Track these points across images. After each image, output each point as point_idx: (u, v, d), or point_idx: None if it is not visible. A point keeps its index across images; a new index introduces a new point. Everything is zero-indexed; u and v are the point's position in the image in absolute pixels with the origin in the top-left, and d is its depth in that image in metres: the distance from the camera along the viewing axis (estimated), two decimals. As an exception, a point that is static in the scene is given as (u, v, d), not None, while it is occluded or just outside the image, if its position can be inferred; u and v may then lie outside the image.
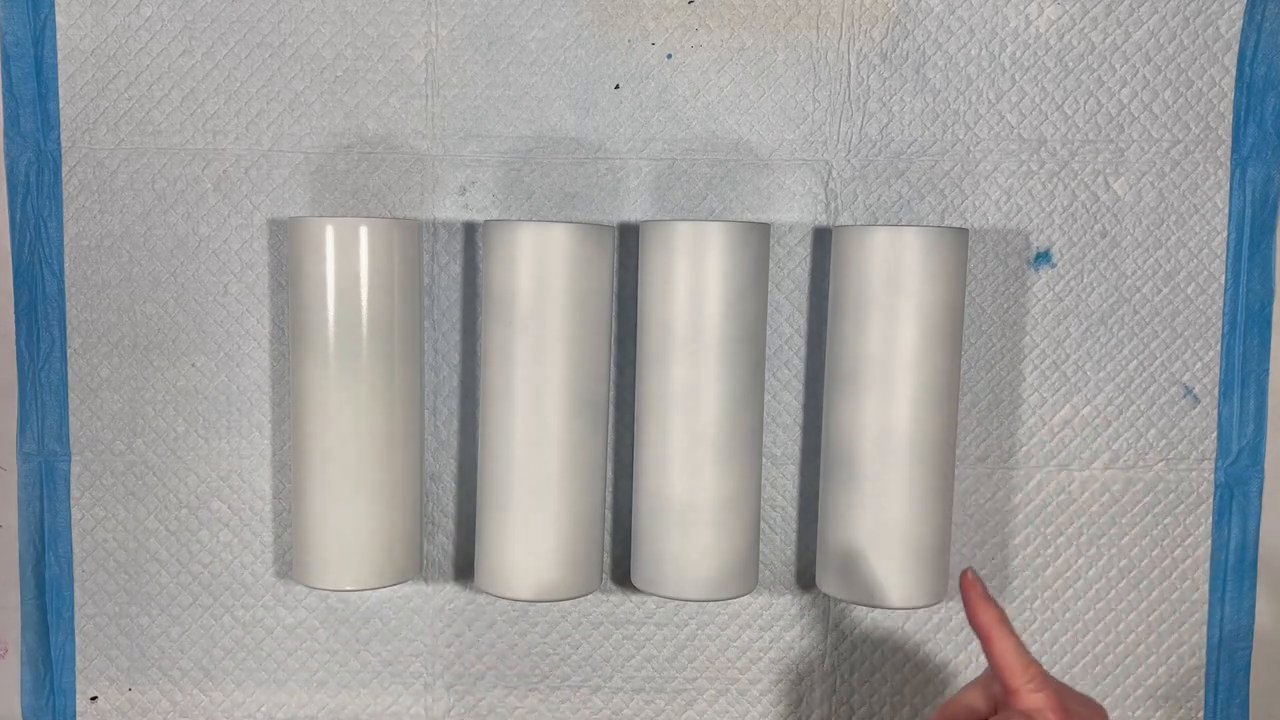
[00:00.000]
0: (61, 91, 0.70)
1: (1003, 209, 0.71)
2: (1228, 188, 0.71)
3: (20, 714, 0.74)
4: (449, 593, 0.74)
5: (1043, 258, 0.71)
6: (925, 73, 0.70)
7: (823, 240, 0.71)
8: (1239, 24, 0.70)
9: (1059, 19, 0.70)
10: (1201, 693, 0.74)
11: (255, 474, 0.73)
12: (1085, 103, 0.70)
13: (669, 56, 0.70)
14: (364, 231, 0.64)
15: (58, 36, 0.70)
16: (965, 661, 0.74)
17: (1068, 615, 0.74)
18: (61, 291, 0.71)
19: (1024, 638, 0.73)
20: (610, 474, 0.72)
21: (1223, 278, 0.71)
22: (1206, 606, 0.74)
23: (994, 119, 0.70)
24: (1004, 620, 0.56)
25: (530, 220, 0.69)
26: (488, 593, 0.68)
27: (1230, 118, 0.70)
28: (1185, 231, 0.71)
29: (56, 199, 0.71)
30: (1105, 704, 0.75)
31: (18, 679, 0.74)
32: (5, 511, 0.74)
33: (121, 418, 0.72)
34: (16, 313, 0.71)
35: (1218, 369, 0.72)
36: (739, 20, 0.70)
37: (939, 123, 0.71)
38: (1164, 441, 0.73)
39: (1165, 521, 0.73)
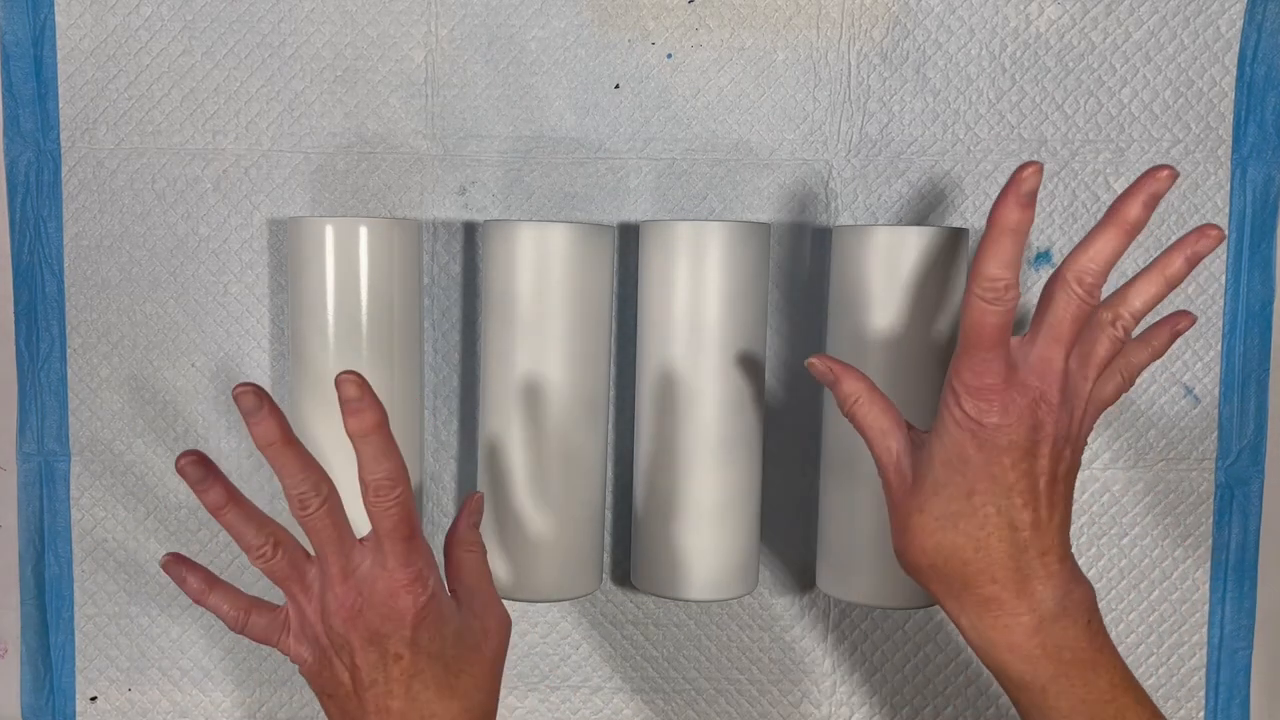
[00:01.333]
0: (61, 91, 0.70)
1: (1003, 209, 0.71)
2: (1228, 188, 0.71)
3: (20, 714, 0.75)
4: (449, 593, 0.74)
5: (1043, 258, 0.71)
6: (925, 73, 0.70)
7: (823, 240, 0.71)
8: (1239, 24, 0.70)
9: (1059, 19, 0.70)
10: (1202, 693, 0.74)
11: (255, 474, 0.73)
12: (1085, 103, 0.70)
13: (669, 56, 0.70)
14: (364, 231, 0.64)
15: (57, 36, 0.70)
16: (966, 662, 0.74)
17: (1068, 615, 0.74)
18: (61, 291, 0.71)
19: (1024, 638, 0.74)
20: (610, 474, 0.72)
21: (1223, 278, 0.71)
22: (1206, 606, 0.74)
23: (994, 119, 0.70)
24: (1017, 228, 0.47)
25: (530, 220, 0.69)
26: (488, 593, 0.68)
27: (1230, 118, 0.70)
28: (1185, 231, 0.71)
29: (56, 199, 0.71)
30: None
31: (17, 679, 0.74)
32: (5, 511, 0.74)
33: (121, 418, 0.72)
34: (16, 313, 0.71)
35: (1218, 369, 0.72)
36: (739, 20, 0.70)
37: (939, 122, 0.71)
38: (1164, 441, 0.73)
39: (1165, 521, 0.73)
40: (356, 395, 0.48)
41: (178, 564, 0.56)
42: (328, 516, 0.51)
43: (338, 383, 0.48)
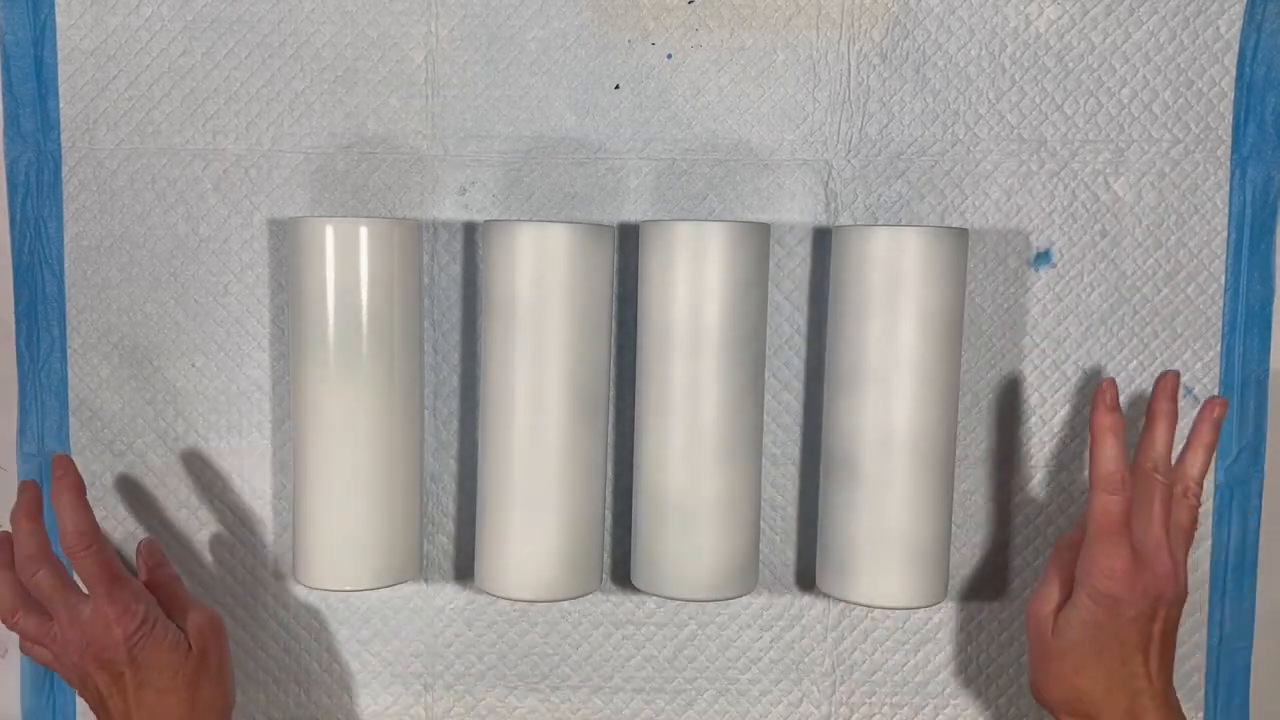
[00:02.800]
0: (61, 91, 0.70)
1: (1003, 209, 0.71)
2: (1228, 188, 0.71)
3: (20, 714, 0.74)
4: (449, 593, 0.74)
5: (1043, 258, 0.71)
6: (925, 73, 0.70)
7: (823, 240, 0.71)
8: (1239, 24, 0.70)
9: (1059, 19, 0.70)
10: (1201, 693, 0.74)
11: (255, 474, 0.73)
12: (1085, 103, 0.70)
13: (669, 56, 0.70)
14: (364, 231, 0.64)
15: (58, 36, 0.70)
16: (965, 662, 0.74)
17: (1068, 615, 0.74)
18: (61, 291, 0.71)
19: (1024, 637, 0.73)
20: (610, 474, 0.72)
21: (1223, 278, 0.71)
22: (1207, 606, 0.74)
23: (994, 119, 0.70)
24: (1114, 428, 0.61)
25: (530, 220, 0.69)
26: (488, 593, 0.68)
27: (1230, 118, 0.70)
28: (1185, 231, 0.71)
29: (56, 199, 0.71)
30: (1105, 704, 0.75)
31: (18, 679, 0.74)
32: (5, 512, 0.73)
33: (121, 418, 0.72)
34: (16, 313, 0.71)
35: (1218, 369, 0.72)
36: (739, 20, 0.70)
37: (939, 123, 0.71)
38: (1164, 441, 0.72)
39: (1165, 521, 0.73)
40: (63, 466, 0.66)
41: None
42: (53, 578, 0.65)
43: (52, 465, 0.66)
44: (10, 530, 0.67)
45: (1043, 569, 0.64)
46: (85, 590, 0.65)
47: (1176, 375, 0.64)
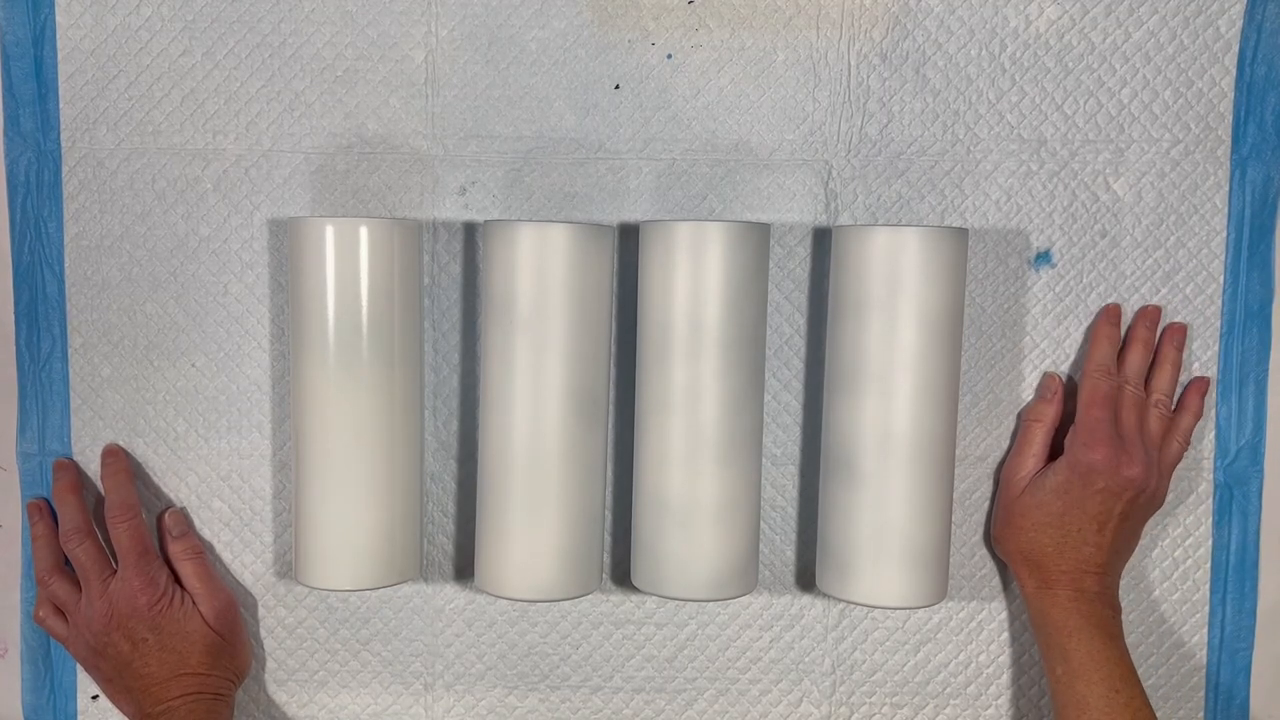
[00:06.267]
0: (61, 91, 0.70)
1: (1003, 209, 0.71)
2: (1227, 188, 0.71)
3: (21, 713, 0.75)
4: (449, 593, 0.74)
5: (1043, 258, 0.71)
6: (925, 73, 0.70)
7: (823, 240, 0.71)
8: (1239, 24, 0.70)
9: (1059, 19, 0.70)
10: (1201, 693, 0.74)
11: (255, 474, 0.73)
12: (1085, 103, 0.70)
13: (669, 56, 0.70)
14: (364, 231, 0.64)
15: (58, 36, 0.70)
16: (965, 661, 0.74)
17: (1068, 615, 0.74)
18: (62, 291, 0.71)
19: (1024, 637, 0.74)
20: (610, 474, 0.72)
21: (1222, 278, 0.72)
22: (1207, 607, 0.74)
23: (994, 119, 0.70)
24: (1110, 337, 0.70)
25: (530, 220, 0.69)
26: (487, 593, 0.68)
27: (1230, 118, 0.70)
28: (1185, 231, 0.71)
29: (56, 199, 0.71)
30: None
31: (18, 678, 0.74)
32: (5, 511, 0.74)
33: (122, 418, 0.72)
34: (16, 313, 0.71)
35: (1217, 369, 0.72)
36: (739, 20, 0.70)
37: (939, 123, 0.71)
38: (1164, 441, 0.72)
39: (1165, 521, 0.73)
40: (113, 452, 0.72)
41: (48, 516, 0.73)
42: (95, 551, 0.70)
43: (103, 453, 0.72)
44: (51, 500, 0.72)
45: (1016, 439, 0.72)
46: (115, 562, 0.70)
47: (1157, 309, 0.71)
